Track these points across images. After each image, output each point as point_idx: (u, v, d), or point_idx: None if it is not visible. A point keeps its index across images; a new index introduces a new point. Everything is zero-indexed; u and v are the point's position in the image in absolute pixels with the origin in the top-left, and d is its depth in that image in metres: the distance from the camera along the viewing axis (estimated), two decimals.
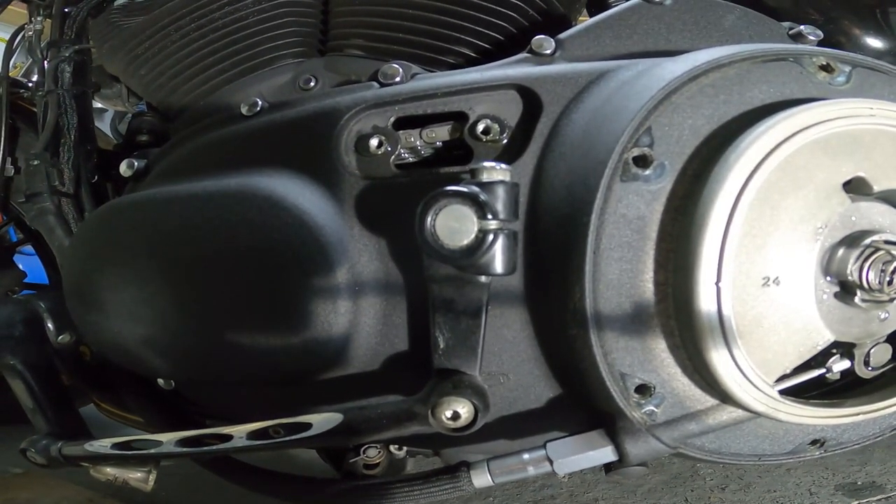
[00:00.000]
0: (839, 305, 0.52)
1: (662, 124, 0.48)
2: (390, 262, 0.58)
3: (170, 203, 0.61)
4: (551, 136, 0.55)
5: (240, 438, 0.59)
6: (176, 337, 0.61)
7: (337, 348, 0.59)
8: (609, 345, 0.51)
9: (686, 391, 0.54)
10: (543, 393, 0.60)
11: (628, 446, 0.54)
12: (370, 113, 0.61)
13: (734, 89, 0.49)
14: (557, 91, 0.57)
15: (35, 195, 0.74)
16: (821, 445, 0.59)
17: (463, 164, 0.60)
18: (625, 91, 0.52)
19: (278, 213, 0.57)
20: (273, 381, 0.64)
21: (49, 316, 0.68)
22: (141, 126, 0.78)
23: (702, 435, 0.56)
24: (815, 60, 0.51)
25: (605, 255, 0.48)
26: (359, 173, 0.60)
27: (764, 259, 0.47)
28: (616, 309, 0.50)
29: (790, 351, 0.50)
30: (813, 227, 0.47)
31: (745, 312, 0.47)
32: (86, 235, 0.67)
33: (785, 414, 0.52)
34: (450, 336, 0.52)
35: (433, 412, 0.51)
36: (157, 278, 0.60)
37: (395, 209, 0.58)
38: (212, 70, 0.72)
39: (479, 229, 0.45)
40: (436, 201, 0.45)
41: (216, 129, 0.66)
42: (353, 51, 0.73)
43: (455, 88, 0.59)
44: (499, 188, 0.46)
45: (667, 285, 0.49)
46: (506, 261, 0.47)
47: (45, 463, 0.69)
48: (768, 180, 0.45)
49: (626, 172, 0.47)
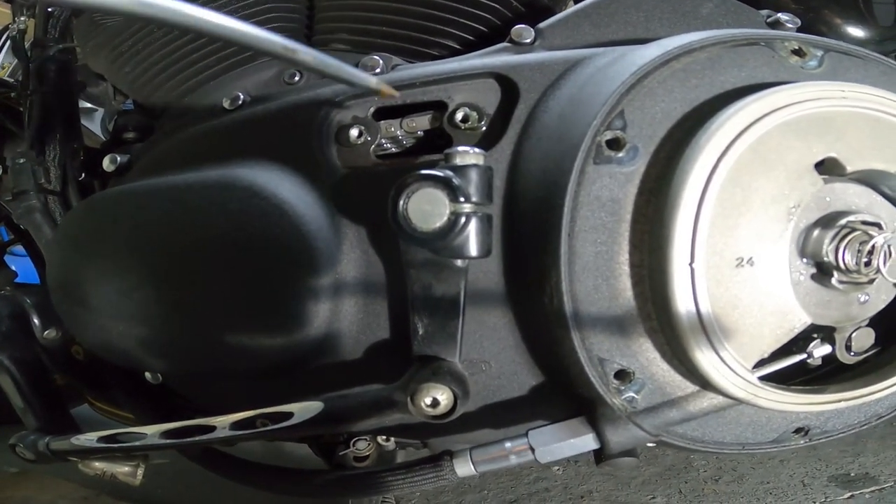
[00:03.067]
0: (816, 287, 0.52)
1: (635, 107, 0.48)
2: (371, 250, 0.58)
3: (151, 195, 0.61)
4: (528, 122, 0.55)
5: (223, 429, 0.59)
6: (159, 329, 0.62)
7: (319, 338, 0.59)
8: (586, 329, 0.51)
9: (666, 377, 0.54)
10: (526, 381, 0.60)
11: (609, 434, 0.54)
12: (350, 104, 0.61)
13: (706, 73, 0.49)
14: (535, 78, 0.57)
15: (22, 193, 0.75)
16: (805, 434, 0.58)
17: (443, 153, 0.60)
18: (599, 76, 0.52)
19: (258, 203, 0.57)
20: (258, 373, 0.64)
21: (35, 311, 0.68)
22: (127, 123, 0.78)
23: (683, 422, 0.55)
24: (787, 45, 0.51)
25: (580, 238, 0.48)
26: (339, 163, 0.61)
27: (737, 239, 0.47)
28: (592, 292, 0.50)
29: (766, 334, 0.50)
30: (785, 207, 0.47)
31: (720, 294, 0.48)
32: (68, 230, 0.67)
33: (765, 400, 0.52)
34: (428, 322, 0.53)
35: (412, 399, 0.52)
36: (139, 270, 0.61)
37: (376, 198, 0.58)
38: (196, 66, 0.72)
39: (452, 212, 0.45)
40: (408, 185, 0.46)
41: (198, 123, 0.67)
42: (339, 45, 0.73)
43: (434, 78, 0.60)
44: (471, 171, 0.46)
45: (642, 267, 0.49)
46: (480, 243, 0.47)
47: (33, 458, 0.70)
48: (739, 161, 0.45)
49: (600, 155, 0.48)
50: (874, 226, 0.50)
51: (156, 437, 0.62)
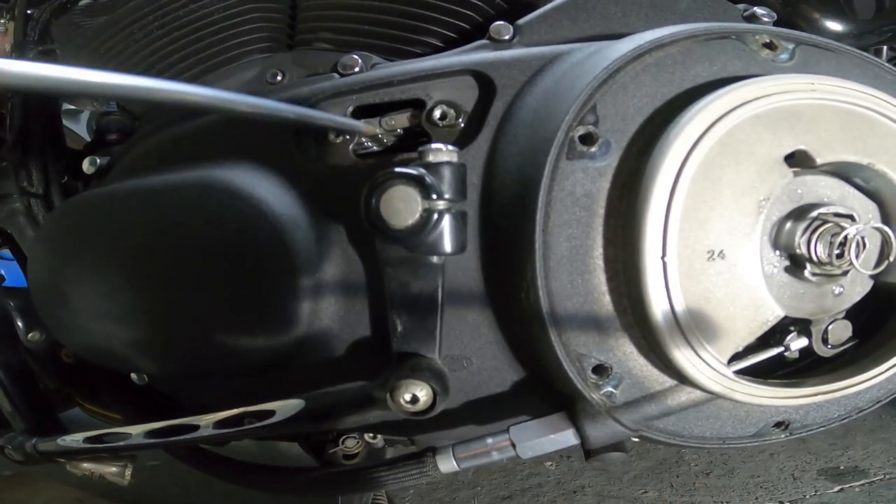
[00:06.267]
0: (790, 280, 0.52)
1: (607, 102, 0.48)
2: (350, 249, 0.59)
3: (129, 197, 0.62)
4: (504, 118, 0.56)
5: (206, 427, 0.59)
6: (141, 330, 0.62)
7: (301, 337, 0.59)
8: (563, 325, 0.51)
9: (643, 371, 0.54)
10: (508, 376, 0.60)
11: (589, 429, 0.55)
12: (328, 103, 0.62)
13: (677, 68, 0.49)
14: (511, 75, 0.57)
15: (4, 196, 0.75)
16: (785, 428, 0.58)
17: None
18: (573, 72, 0.52)
19: (236, 202, 0.57)
20: (242, 372, 0.65)
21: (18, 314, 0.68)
22: (109, 125, 0.78)
23: (662, 417, 0.55)
24: (759, 38, 0.51)
25: (555, 233, 0.48)
26: (318, 163, 0.61)
27: (708, 232, 0.47)
28: (568, 287, 0.50)
29: (740, 327, 0.50)
30: (755, 200, 0.47)
31: (693, 287, 0.48)
32: (48, 232, 0.67)
33: (741, 394, 0.52)
34: (407, 319, 0.53)
35: (392, 395, 0.52)
36: (120, 272, 0.61)
37: (354, 196, 0.59)
38: (177, 67, 0.72)
39: (424, 209, 0.45)
40: (381, 183, 0.46)
41: (178, 125, 0.67)
42: (321, 44, 0.73)
43: (411, 76, 0.60)
44: (444, 169, 0.46)
45: (617, 262, 0.49)
46: (454, 240, 0.48)
47: (21, 459, 0.70)
48: (709, 155, 0.45)
49: (573, 150, 0.48)
50: (847, 217, 0.51)
51: (140, 437, 0.62)
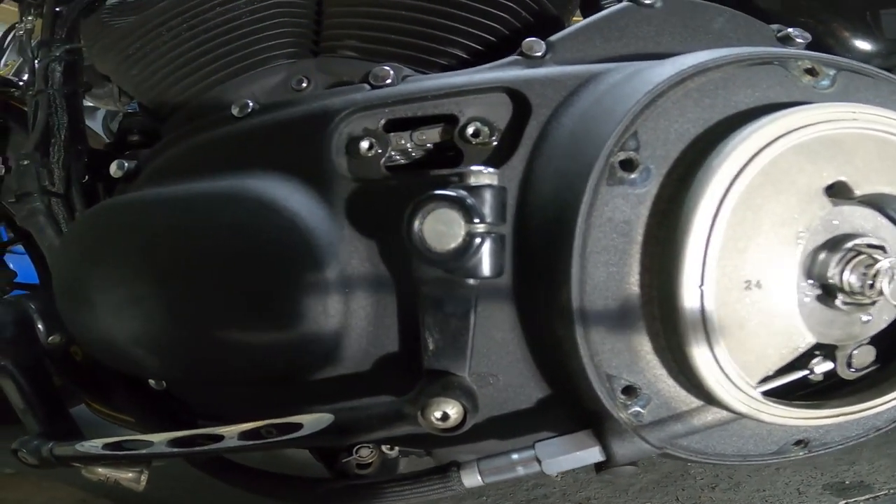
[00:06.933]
0: (820, 308, 0.52)
1: (648, 128, 0.48)
2: (380, 263, 0.58)
3: (160, 205, 0.61)
4: (540, 138, 0.56)
5: (231, 439, 0.59)
6: (167, 338, 0.61)
7: (327, 349, 0.59)
8: (596, 346, 0.51)
9: (672, 392, 0.54)
10: (533, 393, 0.60)
11: (615, 447, 0.55)
12: (361, 115, 0.61)
13: (719, 93, 0.49)
14: (546, 94, 0.57)
15: (25, 195, 0.74)
16: (805, 446, 0.59)
17: (453, 167, 0.60)
18: (613, 94, 0.52)
19: (268, 214, 0.57)
20: (263, 382, 0.64)
21: (39, 317, 0.68)
22: (132, 126, 0.78)
23: (687, 435, 0.56)
24: (801, 64, 0.51)
25: (592, 259, 0.48)
26: (349, 175, 0.61)
27: (746, 262, 0.47)
28: (602, 311, 0.50)
29: (772, 353, 0.50)
30: (794, 231, 0.47)
31: (728, 315, 0.48)
32: (76, 236, 0.67)
33: (768, 415, 0.53)
34: (439, 337, 0.53)
35: (423, 413, 0.52)
36: (148, 279, 0.61)
37: (385, 211, 0.59)
38: (203, 70, 0.72)
39: (467, 233, 0.45)
40: (423, 205, 0.46)
41: (207, 131, 0.66)
42: (346, 52, 0.73)
43: (445, 91, 0.60)
44: (486, 192, 0.46)
45: (652, 288, 0.49)
46: (493, 264, 0.48)
47: (36, 463, 0.69)
48: (751, 184, 0.46)
49: (613, 176, 0.48)
50: (879, 249, 0.51)
51: (162, 446, 0.62)
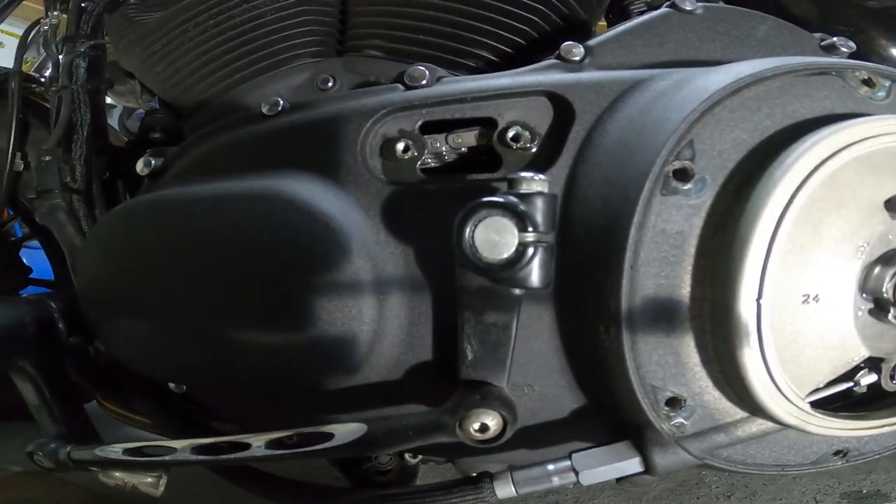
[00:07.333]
0: (872, 322, 0.51)
1: (704, 137, 0.47)
2: (417, 269, 0.57)
3: (191, 204, 0.59)
4: (584, 145, 0.54)
5: (258, 447, 0.57)
6: (196, 343, 0.60)
7: (360, 357, 0.58)
8: (642, 358, 0.50)
9: (716, 404, 0.53)
10: (567, 403, 0.59)
11: (656, 457, 0.54)
12: (397, 116, 0.60)
13: (777, 102, 0.48)
14: (590, 99, 0.56)
15: (46, 192, 0.73)
16: (844, 455, 0.58)
17: (490, 172, 0.59)
18: (664, 101, 0.51)
19: (302, 217, 0.55)
20: (292, 388, 0.63)
21: (61, 317, 0.66)
22: (154, 123, 0.76)
23: (728, 446, 0.55)
24: (858, 75, 0.50)
25: (643, 271, 0.47)
26: (384, 178, 0.59)
27: (805, 277, 0.46)
28: (651, 323, 0.49)
29: (825, 366, 0.50)
30: (855, 245, 0.46)
31: (784, 329, 0.47)
32: (102, 235, 0.65)
33: (815, 426, 0.52)
34: (478, 348, 0.51)
35: (461, 424, 0.50)
36: (176, 281, 0.59)
37: (423, 216, 0.57)
38: (229, 68, 0.71)
39: (520, 242, 0.44)
40: (475, 212, 0.44)
41: (236, 129, 0.65)
42: (372, 51, 0.71)
43: (486, 94, 0.58)
44: (538, 199, 0.45)
45: (703, 300, 0.48)
46: (543, 275, 0.46)
47: (52, 466, 0.68)
48: (812, 197, 0.44)
49: (667, 186, 0.46)
50: None
51: (186, 453, 0.60)
